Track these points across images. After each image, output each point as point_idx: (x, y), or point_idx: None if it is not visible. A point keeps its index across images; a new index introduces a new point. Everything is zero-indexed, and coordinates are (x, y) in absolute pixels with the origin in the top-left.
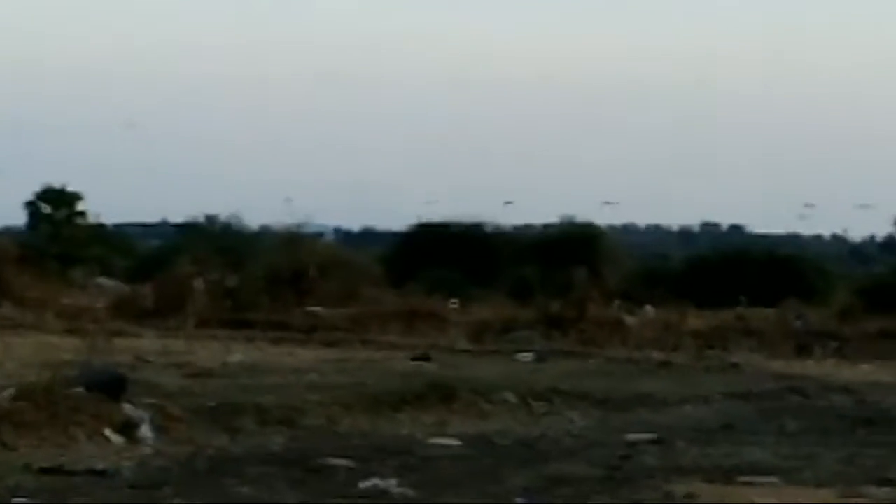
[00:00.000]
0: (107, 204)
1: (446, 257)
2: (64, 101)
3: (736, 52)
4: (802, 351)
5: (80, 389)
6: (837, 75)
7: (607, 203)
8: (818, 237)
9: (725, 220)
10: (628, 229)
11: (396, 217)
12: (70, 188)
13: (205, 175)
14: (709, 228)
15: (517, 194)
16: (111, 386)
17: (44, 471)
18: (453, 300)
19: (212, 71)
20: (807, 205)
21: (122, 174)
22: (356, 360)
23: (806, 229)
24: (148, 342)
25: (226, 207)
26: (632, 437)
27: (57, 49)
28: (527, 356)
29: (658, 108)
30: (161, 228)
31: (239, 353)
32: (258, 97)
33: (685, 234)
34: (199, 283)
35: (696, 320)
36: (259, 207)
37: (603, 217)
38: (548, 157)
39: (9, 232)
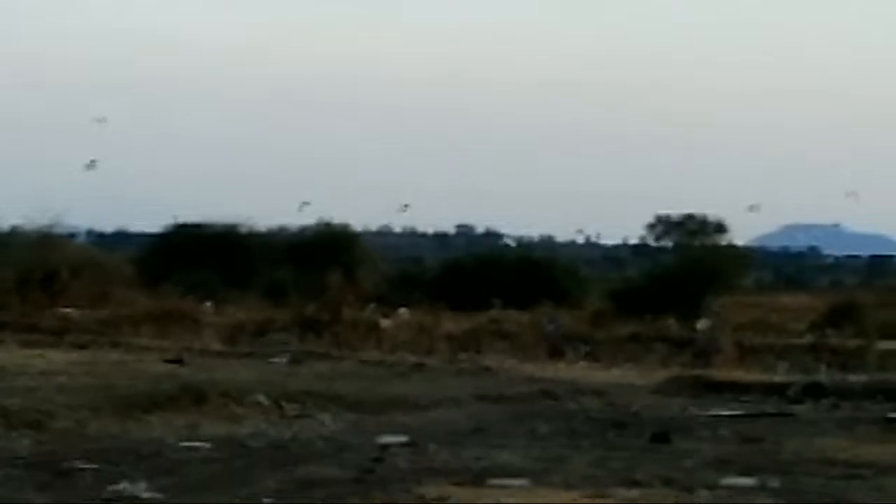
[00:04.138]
0: None
1: (201, 259)
2: None
3: (487, 49)
4: (555, 354)
5: None
6: (580, 87)
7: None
8: (572, 241)
9: (480, 223)
10: (383, 232)
11: (150, 218)
12: None
13: None
14: (464, 231)
15: (273, 195)
16: None
17: None
18: (207, 302)
19: None
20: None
21: None
22: (107, 363)
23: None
24: None
25: None
26: (384, 439)
27: None
28: (280, 358)
29: (413, 106)
30: None
31: None
32: (9, 101)
33: (441, 238)
34: None
35: (451, 323)
36: (10, 208)
37: (358, 220)
38: (303, 158)
39: None
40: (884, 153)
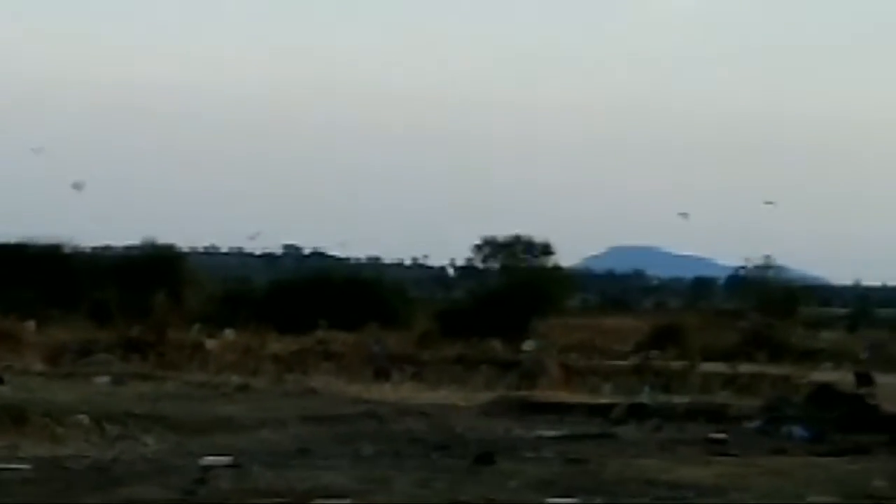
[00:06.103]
0: None
1: (23, 278)
2: None
3: (310, 67)
4: (380, 375)
5: None
6: (414, 103)
7: None
8: (399, 262)
9: (308, 243)
10: (210, 252)
11: None
12: None
13: None
14: (291, 252)
15: (100, 215)
16: None
17: None
18: (30, 321)
19: None
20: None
21: None
22: None
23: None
24: None
25: None
26: (207, 460)
27: None
28: (103, 379)
29: (240, 126)
30: None
31: None
32: None
33: (268, 258)
34: None
35: (277, 344)
36: None
37: (184, 240)
38: (134, 180)
39: None
40: (707, 177)
